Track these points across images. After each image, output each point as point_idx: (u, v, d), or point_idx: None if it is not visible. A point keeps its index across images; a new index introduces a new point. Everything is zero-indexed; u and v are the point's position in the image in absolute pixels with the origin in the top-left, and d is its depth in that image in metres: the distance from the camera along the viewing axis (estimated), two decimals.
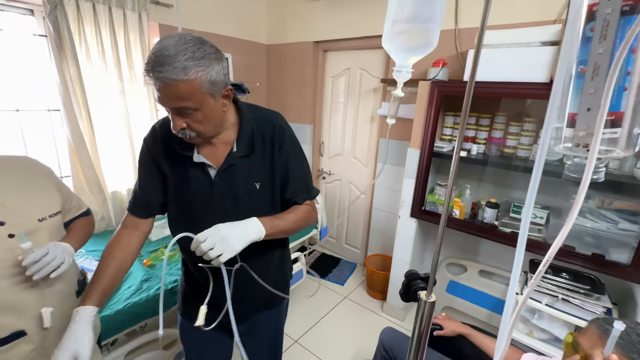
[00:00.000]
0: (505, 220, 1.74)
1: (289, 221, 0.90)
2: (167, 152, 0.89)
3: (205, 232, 0.75)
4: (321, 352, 1.94)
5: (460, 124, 0.46)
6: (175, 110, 0.75)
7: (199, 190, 0.89)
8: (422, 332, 0.46)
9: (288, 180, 0.93)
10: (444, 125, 1.96)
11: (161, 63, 0.68)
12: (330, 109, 2.80)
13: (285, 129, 0.92)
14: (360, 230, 2.84)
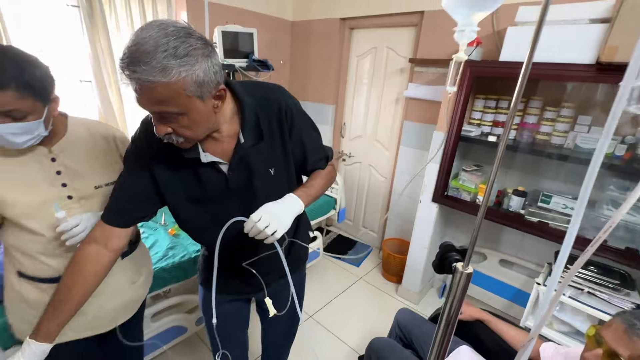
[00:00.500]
0: (533, 210, 1.68)
1: (318, 187, 0.93)
2: (167, 155, 0.77)
3: (258, 212, 0.75)
4: (335, 328, 1.99)
5: (511, 108, 0.43)
6: (157, 114, 0.66)
7: (214, 189, 0.83)
8: (455, 305, 0.46)
9: (306, 155, 0.91)
10: (473, 108, 1.89)
11: (136, 61, 0.57)
12: (354, 89, 2.74)
13: (290, 105, 0.84)
14: (379, 213, 2.83)
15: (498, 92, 1.80)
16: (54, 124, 0.83)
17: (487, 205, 0.48)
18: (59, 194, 0.85)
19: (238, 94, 0.78)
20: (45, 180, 0.83)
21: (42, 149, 0.83)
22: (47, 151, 0.84)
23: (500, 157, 0.47)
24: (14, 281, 0.88)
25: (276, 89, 0.86)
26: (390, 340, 1.31)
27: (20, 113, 0.72)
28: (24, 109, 0.72)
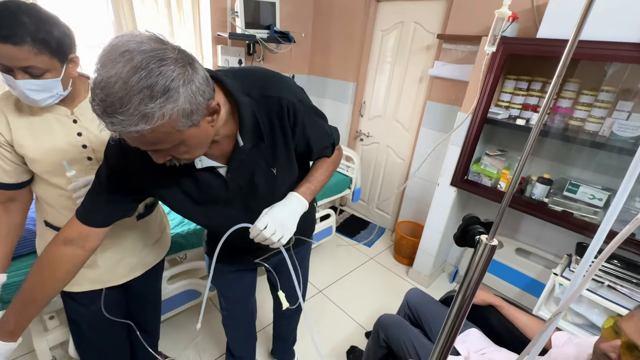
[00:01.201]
0: (557, 199, 1.61)
1: (322, 179, 0.90)
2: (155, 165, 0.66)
3: (263, 220, 0.74)
4: (343, 304, 2.02)
5: (549, 90, 0.39)
6: (152, 151, 0.61)
7: (213, 192, 0.79)
8: (475, 278, 0.44)
9: (311, 147, 0.86)
10: (502, 89, 1.78)
11: (110, 111, 0.49)
12: (377, 67, 2.65)
13: (293, 102, 0.75)
14: (394, 196, 2.80)
15: (531, 72, 1.69)
16: (74, 84, 0.83)
17: (517, 183, 0.45)
18: (79, 155, 0.88)
19: (233, 94, 0.68)
20: (66, 141, 0.86)
21: (64, 110, 0.85)
22: (69, 112, 0.86)
23: (533, 142, 0.44)
24: (42, 229, 0.96)
25: (276, 84, 0.76)
26: (399, 317, 1.31)
27: (37, 70, 0.72)
28: (40, 65, 0.72)
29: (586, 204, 1.56)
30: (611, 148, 1.45)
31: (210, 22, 2.25)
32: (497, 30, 1.52)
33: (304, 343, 1.63)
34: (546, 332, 0.45)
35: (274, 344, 1.55)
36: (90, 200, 0.77)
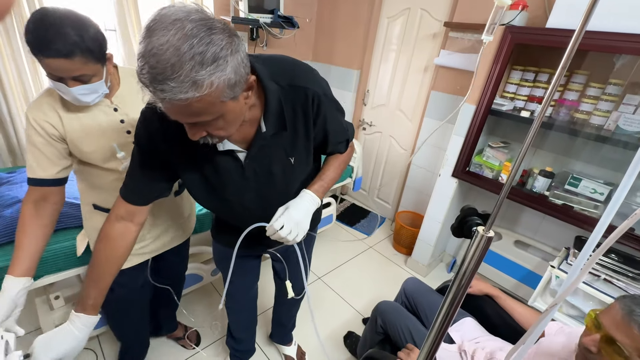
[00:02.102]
0: (558, 192, 1.61)
1: (334, 176, 0.92)
2: (180, 137, 0.69)
3: (280, 220, 0.77)
4: (342, 291, 2.06)
5: (553, 82, 0.38)
6: (191, 124, 0.61)
7: (230, 176, 0.80)
8: (470, 268, 0.45)
9: (328, 140, 0.87)
10: (508, 80, 1.76)
11: (162, 78, 0.49)
12: (381, 55, 2.61)
13: (319, 94, 0.76)
14: (395, 185, 2.80)
15: (539, 63, 1.66)
16: (110, 77, 0.90)
17: (515, 175, 0.45)
18: (125, 140, 0.95)
19: (262, 79, 0.70)
20: (112, 129, 0.93)
21: (106, 101, 0.92)
22: (110, 102, 0.93)
23: (534, 135, 0.43)
24: (90, 212, 1.05)
25: (303, 75, 0.77)
26: (397, 304, 1.34)
27: (86, 76, 0.79)
28: (89, 72, 0.79)
29: (587, 198, 1.56)
30: (616, 142, 1.43)
31: (212, 6, 2.21)
32: (496, 18, 1.49)
33: (302, 328, 1.67)
34: (542, 323, 0.46)
35: (273, 328, 1.58)
36: (129, 181, 0.81)
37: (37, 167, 0.87)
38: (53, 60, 0.72)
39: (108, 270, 0.80)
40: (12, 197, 1.34)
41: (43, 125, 0.85)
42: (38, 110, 0.85)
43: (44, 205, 0.89)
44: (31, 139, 0.86)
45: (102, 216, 1.00)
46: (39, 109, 0.85)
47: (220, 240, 1.11)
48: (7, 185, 1.47)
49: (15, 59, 1.72)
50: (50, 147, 0.87)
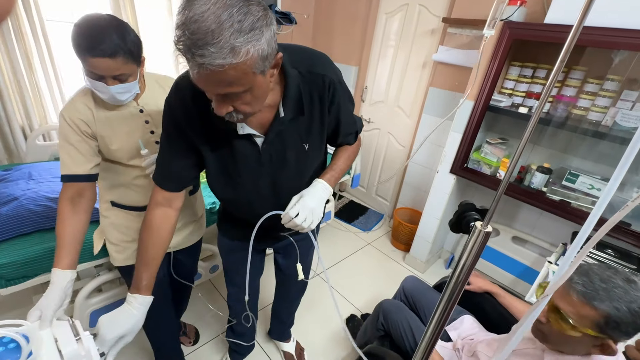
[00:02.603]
0: (556, 188, 1.62)
1: (344, 168, 0.95)
2: (204, 123, 0.75)
3: (295, 208, 0.79)
4: (340, 287, 2.06)
5: (551, 77, 0.38)
6: (221, 96, 0.62)
7: (246, 162, 0.82)
8: (468, 264, 0.45)
9: (340, 130, 0.91)
10: (506, 77, 1.76)
11: (202, 44, 0.51)
12: (379, 51, 2.59)
13: (335, 82, 0.80)
14: (393, 182, 2.80)
15: (537, 59, 1.66)
16: (139, 81, 0.95)
17: (512, 171, 0.45)
18: (149, 139, 1.01)
19: (284, 65, 0.72)
20: (138, 129, 0.99)
21: (133, 103, 0.98)
22: (136, 104, 0.98)
23: (531, 131, 0.43)
24: (108, 209, 1.08)
25: (322, 62, 0.80)
26: (400, 303, 1.34)
27: (124, 76, 0.86)
28: (127, 72, 0.86)
29: (584, 194, 1.57)
30: (613, 138, 1.44)
31: None
32: (497, 13, 1.49)
33: (300, 325, 1.68)
34: (533, 314, 0.46)
35: (272, 324, 1.59)
36: (161, 169, 0.85)
37: (72, 163, 0.91)
38: (99, 59, 0.79)
39: (155, 254, 0.85)
40: (8, 195, 1.34)
41: (78, 123, 0.90)
42: (73, 109, 0.90)
43: (80, 201, 0.92)
44: (67, 137, 0.90)
45: (120, 212, 1.08)
46: (74, 108, 0.90)
47: (227, 234, 1.12)
48: (3, 183, 1.46)
49: (10, 59, 1.70)
50: (84, 144, 0.92)
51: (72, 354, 0.57)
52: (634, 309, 0.69)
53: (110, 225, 1.10)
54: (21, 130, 1.86)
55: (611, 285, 0.72)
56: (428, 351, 0.54)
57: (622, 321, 0.69)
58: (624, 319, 0.69)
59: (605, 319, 0.70)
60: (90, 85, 0.86)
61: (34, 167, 1.60)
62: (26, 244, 1.19)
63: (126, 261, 1.12)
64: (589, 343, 0.75)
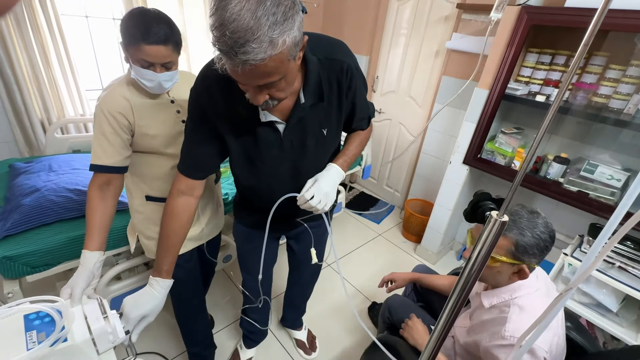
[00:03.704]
0: (573, 178, 1.57)
1: (356, 152, 0.98)
2: (228, 111, 0.79)
3: (310, 190, 0.83)
4: (350, 277, 2.08)
5: (573, 63, 0.36)
6: (259, 86, 0.65)
7: (268, 149, 0.86)
8: (484, 252, 0.45)
9: (354, 115, 0.93)
10: (523, 64, 1.70)
11: (243, 42, 0.53)
12: (391, 39, 2.54)
13: (352, 66, 0.83)
14: (404, 173, 2.78)
15: (556, 45, 1.60)
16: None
17: (531, 160, 0.44)
18: (180, 129, 1.04)
19: (304, 52, 0.73)
20: (171, 118, 1.03)
21: (165, 94, 1.03)
22: (168, 95, 1.03)
23: (551, 120, 0.42)
24: (142, 205, 1.10)
25: (339, 48, 0.83)
26: (405, 299, 1.36)
27: (171, 64, 0.92)
28: (174, 60, 0.92)
29: (603, 185, 1.52)
30: (636, 127, 1.38)
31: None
32: None
33: (311, 314, 1.70)
34: (556, 307, 0.45)
35: (285, 312, 1.62)
36: (186, 157, 0.88)
37: (103, 154, 0.94)
38: (153, 47, 0.85)
39: (176, 241, 0.89)
40: (30, 187, 1.38)
41: (115, 116, 0.93)
42: (112, 102, 0.93)
43: (108, 189, 0.97)
44: (101, 128, 0.93)
45: (155, 206, 1.10)
46: (113, 100, 0.93)
47: (243, 221, 1.14)
48: (25, 174, 1.51)
49: (28, 53, 1.74)
50: (117, 137, 0.95)
51: (100, 330, 0.62)
52: (536, 233, 0.83)
53: (147, 220, 1.12)
54: (40, 123, 1.92)
55: (517, 217, 0.85)
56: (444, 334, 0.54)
57: (527, 245, 0.82)
58: (529, 242, 0.82)
59: (515, 245, 0.83)
60: (137, 74, 0.90)
61: (54, 160, 1.65)
62: (48, 234, 1.24)
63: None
64: (508, 271, 0.87)
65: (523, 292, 0.88)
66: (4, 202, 1.39)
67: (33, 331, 0.56)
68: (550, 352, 0.80)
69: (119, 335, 0.66)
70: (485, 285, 1.00)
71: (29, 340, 0.55)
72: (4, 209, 1.32)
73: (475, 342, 0.92)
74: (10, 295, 1.16)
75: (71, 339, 0.58)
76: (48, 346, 0.54)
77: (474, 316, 1.00)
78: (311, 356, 1.58)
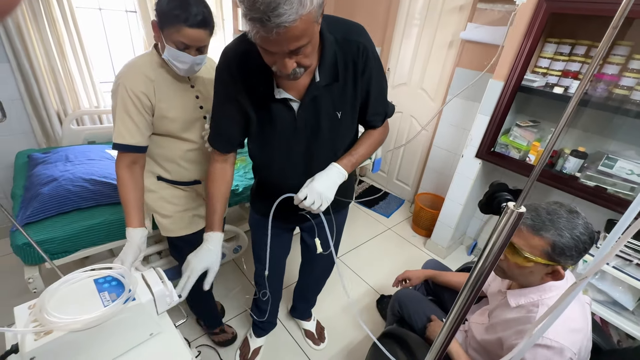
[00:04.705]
0: (591, 173, 1.53)
1: (364, 152, 0.95)
2: (247, 88, 0.83)
3: (303, 191, 0.84)
4: (360, 270, 2.09)
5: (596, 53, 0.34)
6: (288, 53, 0.66)
7: (283, 127, 0.87)
8: (499, 244, 0.44)
9: (369, 103, 0.91)
10: (541, 54, 1.65)
11: (275, 5, 0.56)
12: (403, 30, 2.50)
13: (369, 48, 0.82)
14: (415, 167, 2.75)
15: (576, 35, 1.54)
16: None
17: (550, 151, 0.42)
18: (199, 114, 1.06)
19: (322, 30, 0.75)
20: (190, 103, 1.04)
21: (186, 78, 1.03)
22: (188, 79, 1.04)
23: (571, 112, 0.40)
24: (154, 185, 1.12)
25: (357, 30, 0.83)
26: (416, 292, 1.34)
27: (205, 47, 0.93)
28: (208, 43, 0.93)
29: (622, 180, 1.47)
30: None
31: None
32: None
33: (321, 307, 1.72)
34: (570, 297, 0.45)
35: (294, 303, 1.63)
36: (213, 131, 0.94)
37: (127, 133, 0.96)
38: (194, 30, 0.85)
39: (219, 201, 0.97)
40: (48, 176, 1.42)
41: (139, 96, 0.93)
42: (135, 81, 0.93)
43: (135, 168, 1.01)
44: (125, 107, 0.94)
45: (168, 185, 1.13)
46: (136, 80, 0.93)
47: (258, 210, 1.16)
48: (43, 165, 1.55)
49: (44, 46, 1.77)
50: (141, 117, 0.96)
51: (159, 293, 0.70)
52: (575, 235, 0.77)
53: (161, 200, 1.14)
54: (57, 115, 1.96)
55: (556, 216, 0.80)
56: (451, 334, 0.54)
57: (566, 246, 0.78)
58: (567, 243, 0.77)
59: (552, 246, 0.78)
60: (171, 55, 0.90)
61: (70, 150, 1.69)
62: (66, 222, 1.28)
63: (181, 231, 1.18)
64: (541, 271, 0.83)
65: (553, 293, 0.85)
66: (24, 190, 1.43)
67: (105, 292, 0.65)
68: (579, 354, 0.78)
69: (174, 298, 0.74)
70: (509, 284, 0.97)
71: (104, 299, 0.64)
72: (24, 197, 1.37)
73: (499, 339, 0.90)
74: (30, 280, 1.20)
75: (138, 299, 0.67)
76: (122, 303, 0.63)
77: (495, 314, 0.97)
78: (320, 347, 1.60)
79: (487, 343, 0.96)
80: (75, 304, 0.62)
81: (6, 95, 1.78)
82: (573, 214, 0.81)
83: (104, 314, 0.60)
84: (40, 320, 0.58)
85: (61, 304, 0.62)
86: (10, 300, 1.62)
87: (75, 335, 0.59)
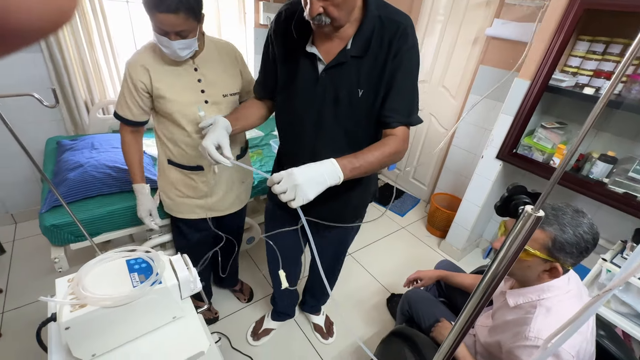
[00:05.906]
0: (620, 179, 1.45)
1: (372, 161, 0.82)
2: (284, 39, 0.89)
3: (280, 173, 0.74)
4: (371, 268, 2.08)
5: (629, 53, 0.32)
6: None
7: (304, 84, 0.89)
8: (515, 248, 0.43)
9: (390, 92, 0.83)
10: (571, 53, 1.57)
11: None
12: (426, 27, 2.44)
13: (409, 34, 0.81)
14: (432, 166, 2.70)
15: (610, 33, 1.46)
16: (198, 39, 1.00)
17: (573, 154, 0.41)
18: (199, 98, 1.07)
19: (368, 3, 0.80)
20: (190, 86, 1.05)
21: (189, 61, 1.04)
22: (192, 62, 1.05)
23: (598, 114, 0.38)
24: (165, 166, 1.18)
25: (407, 18, 0.83)
26: (426, 293, 1.33)
27: (186, 32, 0.92)
28: (188, 28, 0.91)
29: None
30: None
31: None
32: None
33: (330, 302, 1.72)
34: (590, 309, 0.43)
35: (304, 297, 1.65)
36: (259, 75, 1.04)
37: (124, 106, 1.06)
38: (164, 15, 0.86)
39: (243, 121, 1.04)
40: (75, 162, 1.49)
41: (135, 82, 1.01)
42: (133, 65, 1.01)
43: (137, 133, 1.14)
44: (123, 87, 1.04)
45: (177, 171, 1.18)
46: (134, 63, 1.01)
47: (273, 197, 1.15)
48: (70, 151, 1.63)
49: (75, 37, 1.84)
50: (133, 98, 1.04)
51: (184, 279, 0.73)
52: (578, 232, 0.76)
53: (170, 185, 1.21)
54: (84, 104, 2.04)
55: (561, 213, 0.80)
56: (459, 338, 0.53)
57: (566, 242, 0.77)
58: (569, 239, 0.76)
59: (553, 240, 0.78)
60: (157, 40, 0.94)
61: (96, 138, 1.76)
62: (90, 206, 1.33)
63: (179, 214, 1.25)
64: (539, 267, 0.82)
65: (552, 294, 0.83)
66: (53, 175, 1.51)
67: (134, 273, 0.70)
68: (578, 357, 0.76)
69: (197, 285, 0.76)
70: (511, 284, 0.96)
71: (133, 280, 0.68)
72: (53, 181, 1.44)
73: (498, 342, 0.89)
74: (56, 260, 1.27)
75: (164, 282, 0.70)
76: (149, 285, 0.67)
77: (497, 315, 0.97)
78: (328, 341, 1.61)
79: (490, 346, 0.95)
80: (108, 282, 0.67)
81: (40, 85, 1.86)
82: (579, 213, 0.80)
83: (132, 293, 0.64)
84: (76, 293, 0.63)
85: (96, 281, 0.67)
86: (37, 277, 1.72)
87: (106, 311, 0.63)
